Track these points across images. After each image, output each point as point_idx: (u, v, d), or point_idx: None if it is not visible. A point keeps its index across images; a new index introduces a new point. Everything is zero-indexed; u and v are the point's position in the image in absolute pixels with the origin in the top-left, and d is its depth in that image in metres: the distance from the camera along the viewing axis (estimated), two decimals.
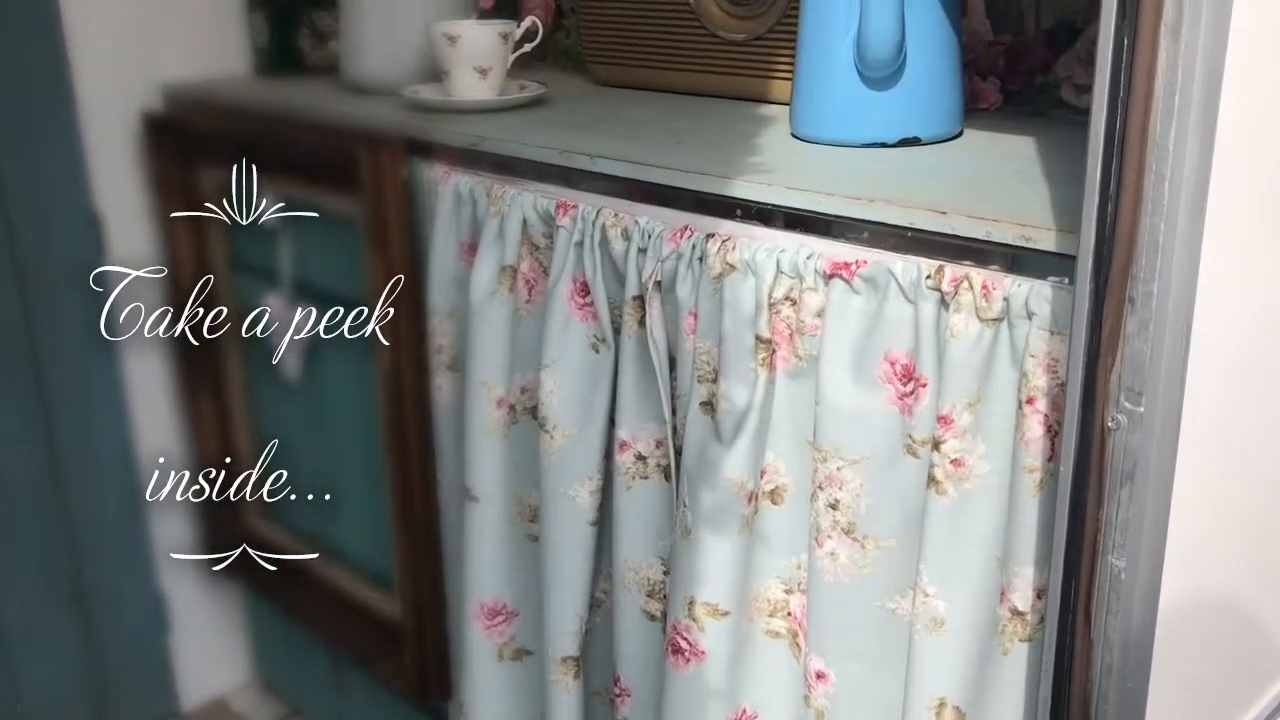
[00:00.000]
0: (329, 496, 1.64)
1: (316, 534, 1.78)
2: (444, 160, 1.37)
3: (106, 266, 1.55)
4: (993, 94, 1.37)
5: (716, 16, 1.50)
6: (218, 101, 1.71)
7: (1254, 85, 0.66)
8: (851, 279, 0.98)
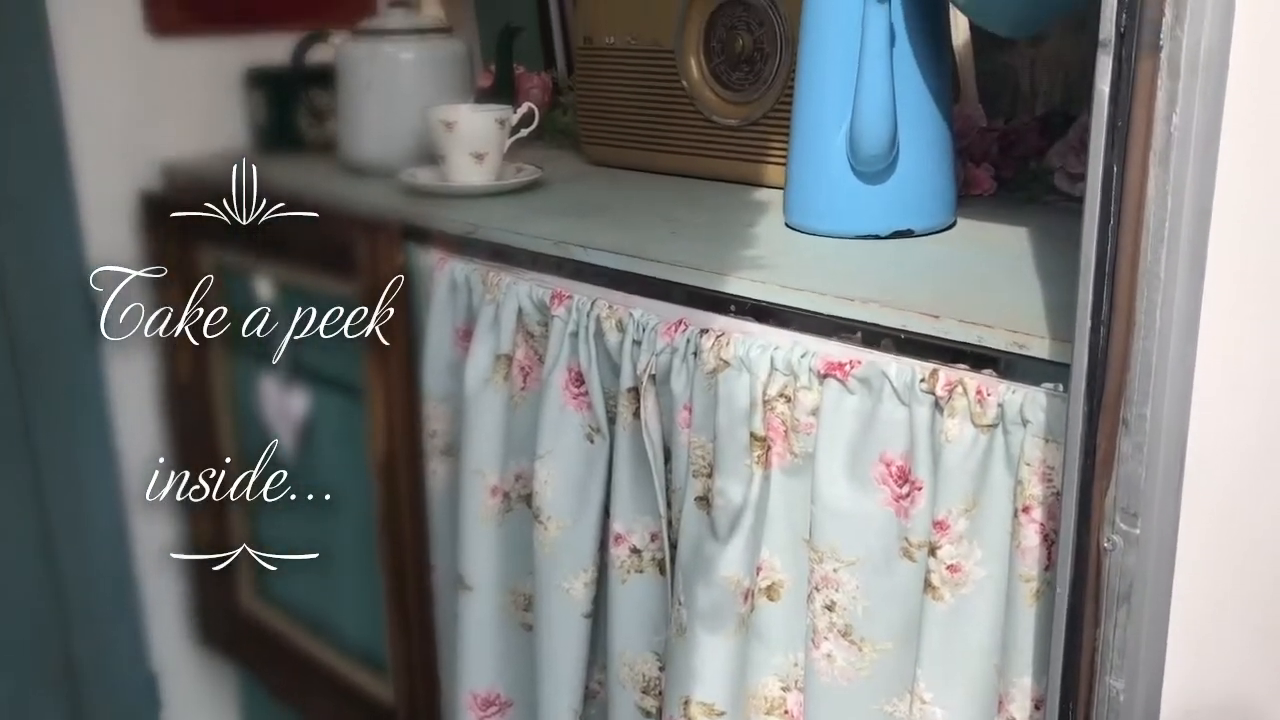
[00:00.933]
0: (322, 576, 1.63)
1: (310, 614, 1.77)
2: (440, 246, 1.37)
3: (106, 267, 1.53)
4: (986, 180, 1.37)
5: (712, 102, 1.52)
6: (216, 181, 1.71)
7: (1245, 210, 0.66)
8: (846, 379, 0.97)
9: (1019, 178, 1.38)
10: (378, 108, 1.61)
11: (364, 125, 1.63)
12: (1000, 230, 1.22)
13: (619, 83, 1.61)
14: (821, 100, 1.19)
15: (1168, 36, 0.64)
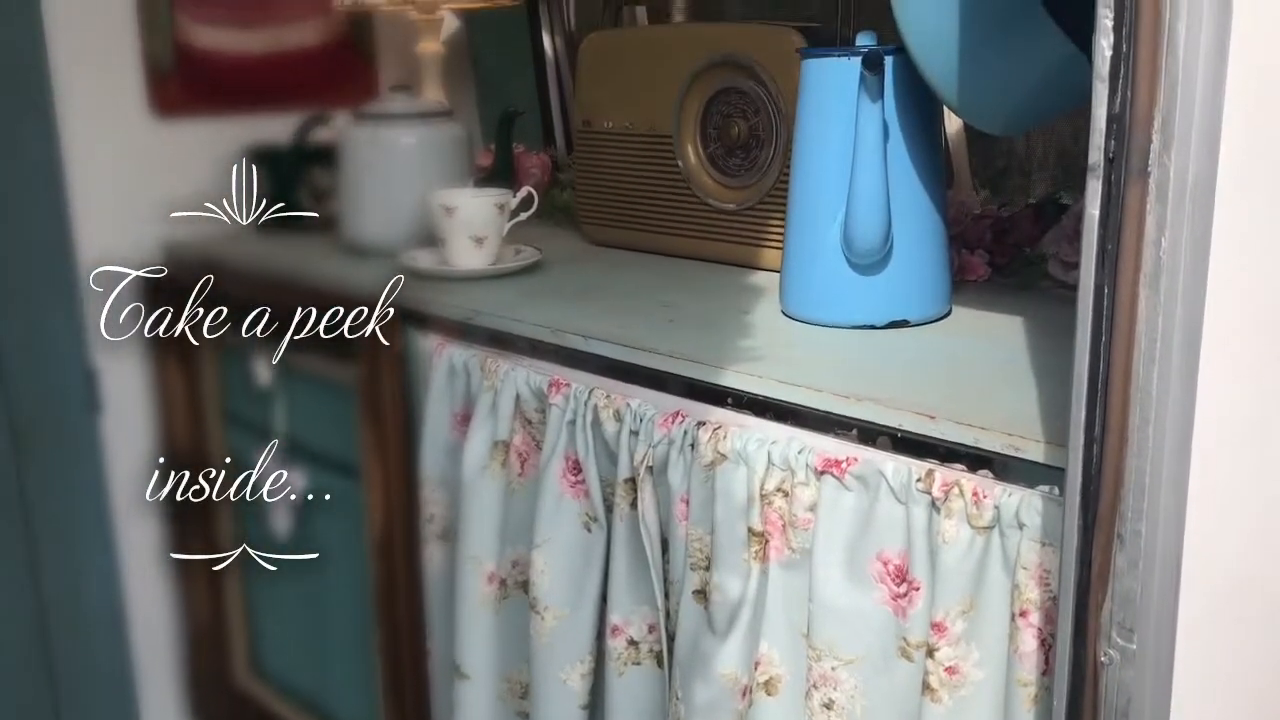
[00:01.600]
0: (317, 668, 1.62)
1: (304, 695, 1.75)
2: (439, 331, 1.38)
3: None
4: (981, 266, 1.39)
5: (709, 186, 1.54)
6: (217, 260, 1.73)
7: (1236, 330, 0.67)
8: (843, 477, 0.98)
9: (1013, 264, 1.40)
10: (378, 190, 1.63)
11: (364, 207, 1.65)
12: (995, 319, 1.23)
13: (617, 165, 1.63)
14: (816, 193, 1.20)
15: (1156, 163, 0.65)
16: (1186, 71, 0.64)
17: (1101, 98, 0.65)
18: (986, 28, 0.99)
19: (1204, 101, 0.64)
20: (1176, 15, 0.63)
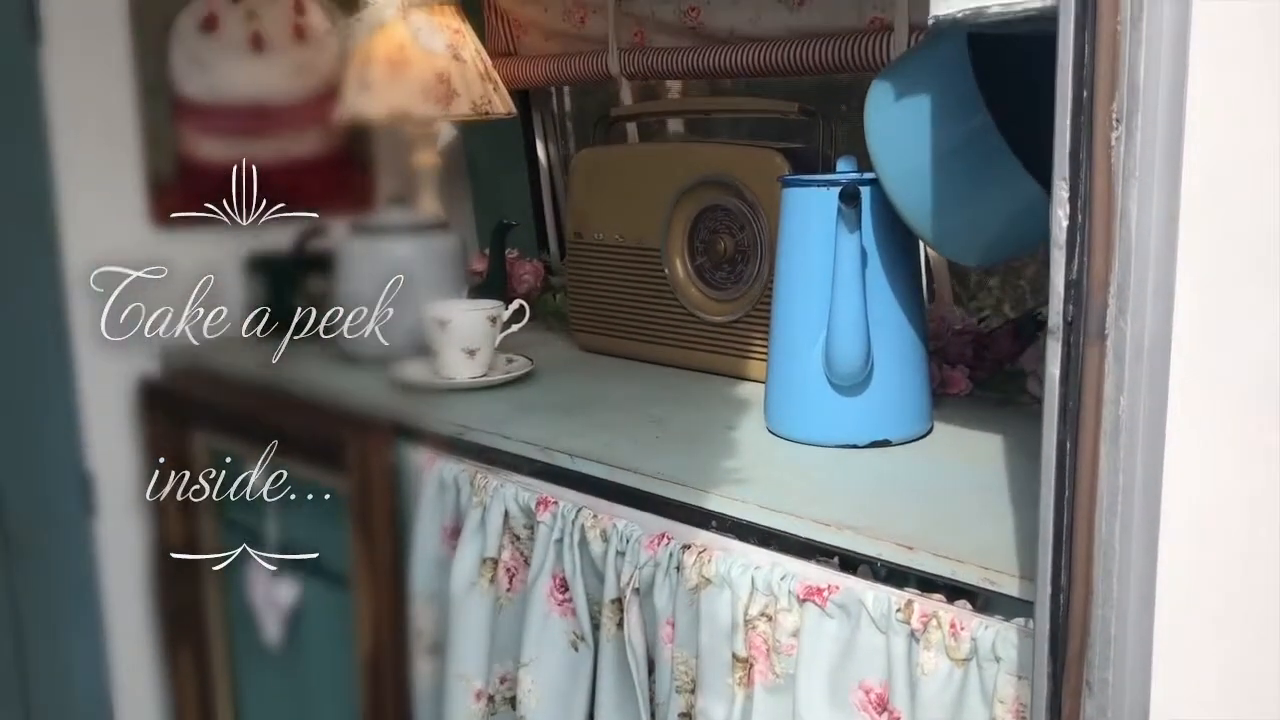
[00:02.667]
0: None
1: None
2: (430, 445, 1.40)
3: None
4: (962, 381, 1.41)
5: (696, 299, 1.57)
6: (213, 369, 1.76)
7: (1195, 485, 0.69)
8: (824, 605, 0.99)
9: (994, 379, 1.42)
10: (373, 304, 1.66)
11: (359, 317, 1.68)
12: (975, 438, 1.26)
13: (608, 276, 1.66)
14: (797, 316, 1.23)
15: (1113, 326, 0.68)
16: (1139, 240, 0.67)
17: (1059, 264, 0.68)
18: (957, 168, 1.03)
19: (1157, 268, 0.67)
20: (1129, 189, 0.66)
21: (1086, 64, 0.65)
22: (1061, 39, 0.67)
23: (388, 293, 1.65)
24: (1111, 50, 0.65)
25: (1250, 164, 0.67)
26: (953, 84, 1.00)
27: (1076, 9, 0.65)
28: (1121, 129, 0.66)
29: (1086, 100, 0.66)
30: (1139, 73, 0.65)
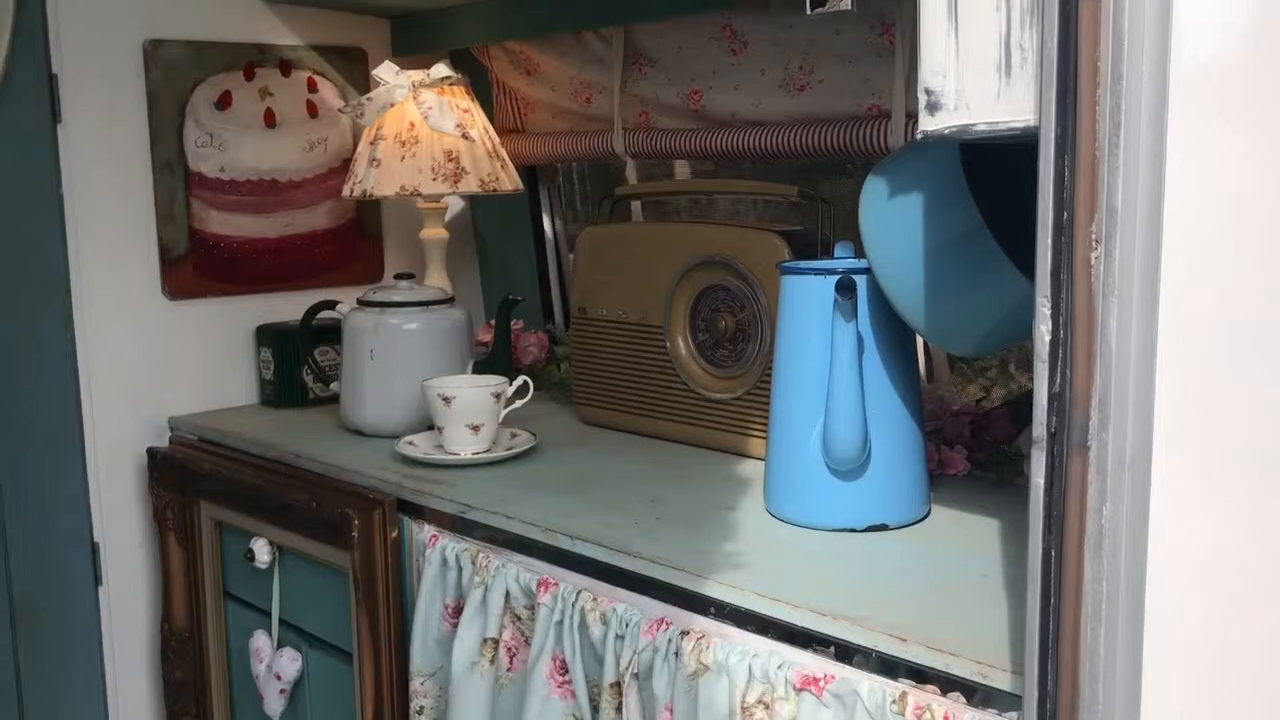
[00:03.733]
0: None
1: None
2: (433, 521, 1.42)
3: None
4: (960, 461, 1.43)
5: (698, 376, 1.59)
6: (220, 440, 1.78)
7: (1179, 590, 0.71)
8: (820, 694, 1.00)
9: (992, 459, 1.44)
10: (379, 376, 1.69)
11: (365, 391, 1.70)
12: (972, 523, 1.27)
13: (611, 351, 1.69)
14: (795, 400, 1.25)
15: (1095, 438, 0.70)
16: (1119, 355, 0.69)
17: (1042, 377, 0.70)
18: (948, 264, 1.05)
19: (1137, 381, 0.69)
20: (1108, 306, 0.68)
21: (1066, 187, 0.68)
22: (1042, 162, 0.70)
23: (393, 367, 1.68)
24: (1090, 174, 0.67)
25: (1226, 282, 0.69)
26: (944, 184, 1.03)
27: (1056, 134, 0.68)
28: (1101, 249, 0.68)
29: (1067, 221, 0.68)
30: (1117, 196, 0.67)
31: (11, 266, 1.75)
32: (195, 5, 1.85)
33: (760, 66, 1.65)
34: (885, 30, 1.49)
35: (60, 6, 1.73)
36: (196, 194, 1.87)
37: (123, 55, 1.79)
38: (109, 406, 1.82)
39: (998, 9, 0.74)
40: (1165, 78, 0.65)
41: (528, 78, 1.99)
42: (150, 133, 1.82)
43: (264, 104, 1.92)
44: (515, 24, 1.85)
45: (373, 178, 1.81)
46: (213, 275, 1.90)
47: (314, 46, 1.97)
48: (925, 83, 0.79)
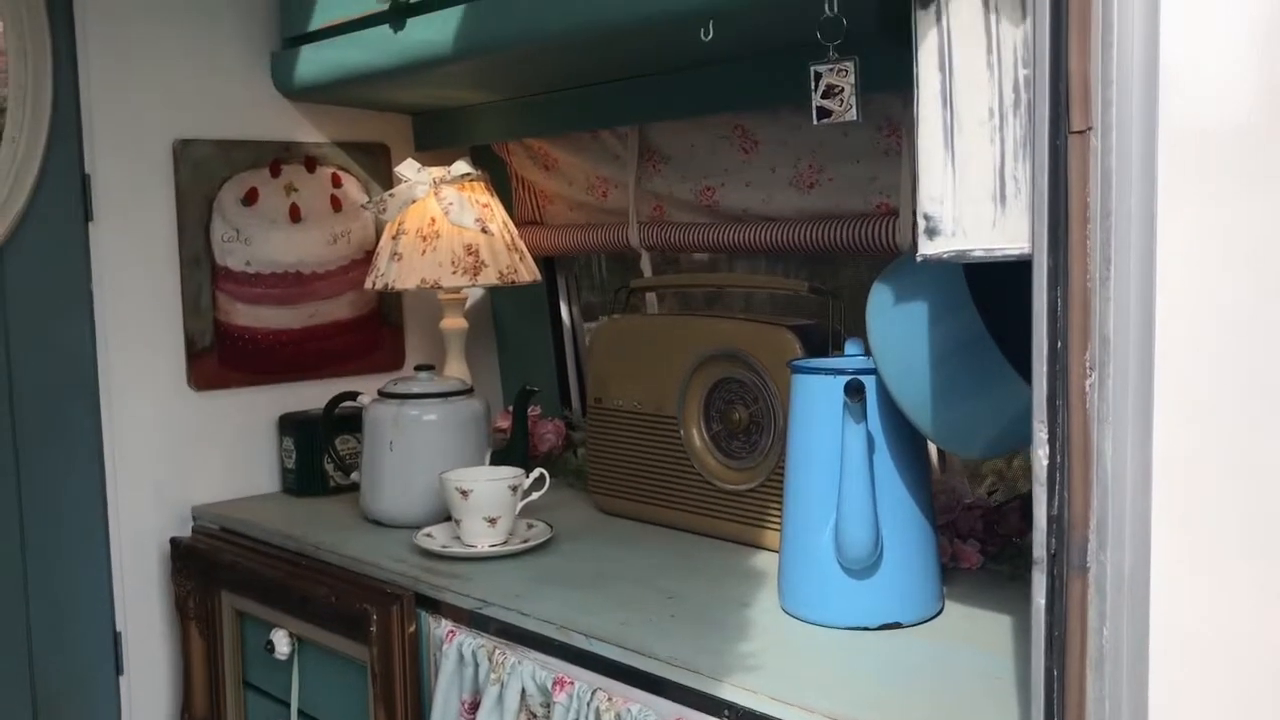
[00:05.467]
0: None
1: None
2: (450, 617, 1.44)
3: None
4: (973, 555, 1.44)
5: (713, 467, 1.61)
6: (243, 529, 1.80)
7: (1180, 706, 0.72)
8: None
9: (1004, 552, 1.45)
10: (398, 467, 1.72)
11: (385, 483, 1.73)
12: (985, 619, 1.28)
13: (627, 441, 1.71)
14: (808, 498, 1.27)
15: (1094, 559, 0.71)
16: (1115, 479, 0.71)
17: (1041, 500, 0.72)
18: (953, 370, 1.07)
19: (1134, 504, 0.71)
20: (1103, 431, 0.70)
21: (1060, 316, 0.70)
22: (1035, 292, 0.72)
23: (412, 458, 1.71)
24: (1083, 305, 0.70)
25: (1219, 409, 0.71)
26: (947, 292, 1.05)
27: (1049, 266, 0.71)
28: (1094, 376, 0.70)
29: (1061, 349, 0.71)
30: (1109, 326, 0.69)
31: (42, 358, 1.79)
32: (224, 105, 1.91)
33: (771, 164, 1.69)
34: (891, 131, 1.53)
35: (94, 109, 1.79)
36: (222, 287, 1.92)
37: (153, 155, 1.85)
38: (133, 496, 1.85)
39: (992, 141, 0.78)
40: (1154, 216, 0.68)
41: (546, 172, 2.04)
42: (178, 229, 1.87)
43: (289, 199, 1.98)
44: (533, 122, 1.90)
45: (395, 271, 1.86)
46: (237, 366, 1.94)
47: (338, 143, 2.03)
48: (924, 208, 0.82)
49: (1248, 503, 0.72)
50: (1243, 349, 0.70)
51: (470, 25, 1.56)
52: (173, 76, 1.85)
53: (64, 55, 1.76)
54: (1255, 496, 0.72)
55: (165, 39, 1.84)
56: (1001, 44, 0.77)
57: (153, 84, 1.84)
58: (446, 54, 1.60)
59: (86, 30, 1.78)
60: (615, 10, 1.37)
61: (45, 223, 1.77)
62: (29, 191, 1.75)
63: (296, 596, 1.61)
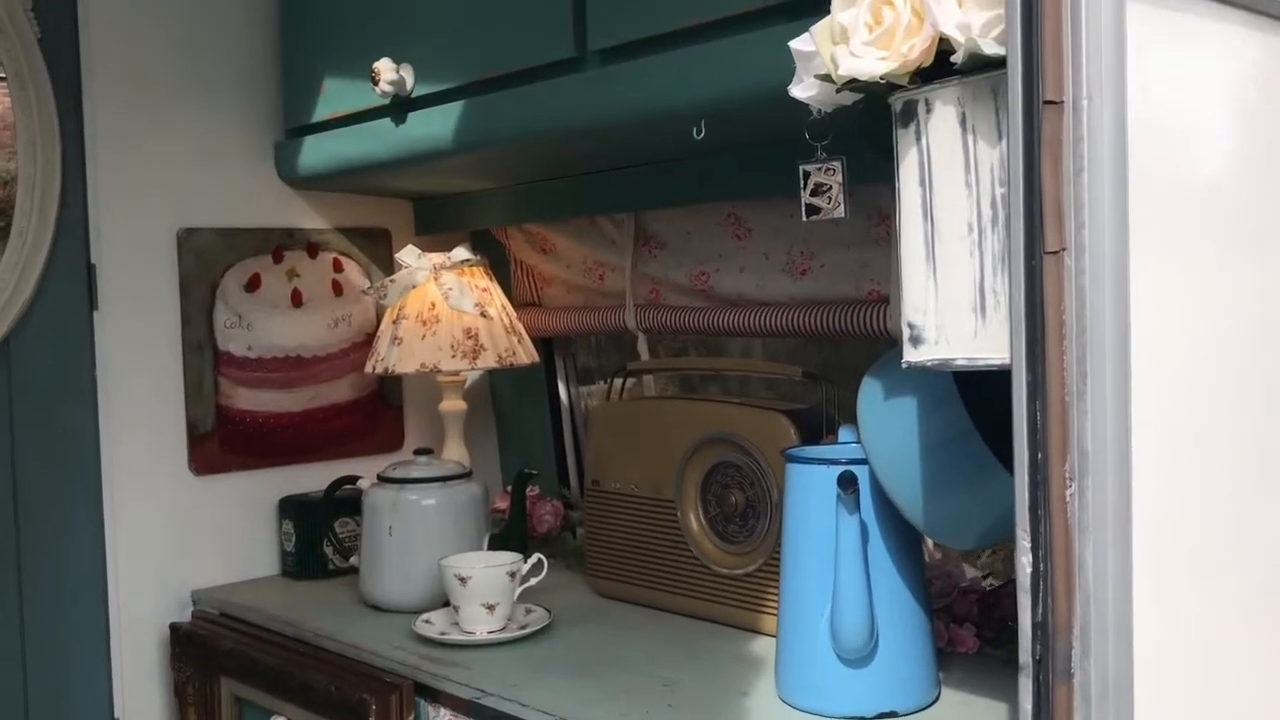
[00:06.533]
0: None
1: None
2: (449, 706, 1.44)
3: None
4: (969, 639, 1.44)
5: (710, 551, 1.62)
6: (242, 615, 1.81)
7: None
8: None
9: (1002, 636, 1.45)
10: (397, 552, 1.73)
11: (384, 568, 1.74)
12: (981, 706, 1.28)
13: (624, 525, 1.72)
14: (803, 586, 1.28)
15: (1078, 666, 0.73)
16: (1097, 586, 0.72)
17: (1026, 608, 0.74)
18: (943, 464, 1.09)
19: (1116, 611, 0.72)
20: (1084, 541, 0.72)
21: (1039, 429, 0.73)
22: (1016, 405, 0.74)
23: (411, 543, 1.72)
24: (1061, 418, 0.72)
25: (1196, 517, 0.73)
26: (935, 389, 1.08)
27: (1028, 380, 0.73)
28: (1075, 486, 0.72)
29: (1041, 460, 0.73)
30: (1087, 439, 0.72)
31: (45, 444, 1.81)
32: (228, 194, 1.95)
33: (764, 251, 1.73)
34: (881, 221, 1.57)
35: (100, 201, 1.83)
36: (224, 372, 1.94)
37: (158, 244, 1.88)
38: (133, 582, 1.86)
39: (971, 255, 0.80)
40: (1127, 333, 0.71)
41: (544, 255, 2.08)
42: (182, 316, 1.90)
43: (291, 284, 2.01)
44: (532, 209, 1.94)
45: (395, 355, 1.88)
46: (237, 450, 1.96)
47: (340, 228, 2.07)
48: (907, 317, 0.85)
49: (1226, 608, 0.73)
50: (1218, 459, 0.73)
51: (470, 120, 1.60)
52: (178, 167, 1.89)
53: (72, 148, 1.81)
54: (1236, 603, 0.74)
55: (172, 131, 1.88)
56: (979, 163, 0.80)
57: (159, 175, 1.88)
58: (447, 147, 1.64)
59: (95, 123, 1.82)
60: (609, 109, 1.41)
61: (51, 312, 1.80)
62: (36, 282, 1.78)
63: (296, 684, 1.61)
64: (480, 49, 1.57)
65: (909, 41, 0.82)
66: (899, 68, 0.82)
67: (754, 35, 1.24)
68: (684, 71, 1.32)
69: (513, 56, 1.52)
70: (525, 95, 1.51)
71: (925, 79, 0.84)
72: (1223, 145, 0.86)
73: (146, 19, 1.86)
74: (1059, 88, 0.71)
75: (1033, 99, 0.71)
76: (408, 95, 1.67)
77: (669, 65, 1.33)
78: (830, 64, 0.88)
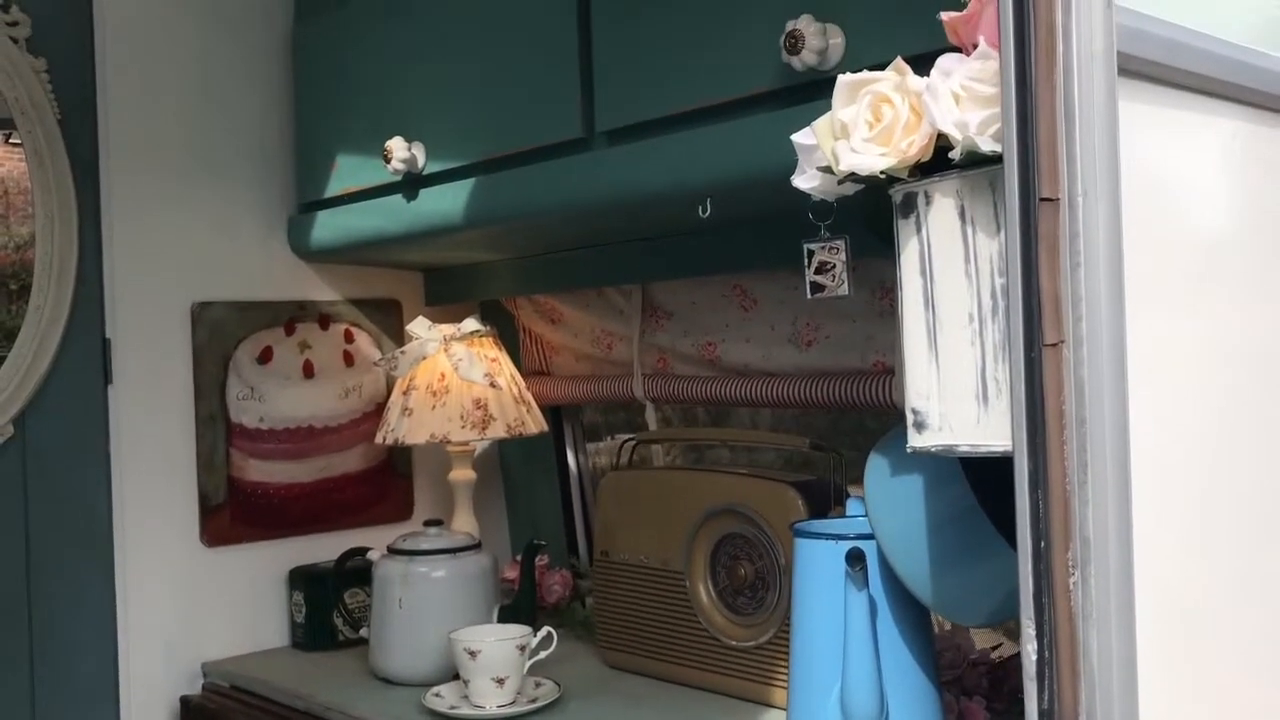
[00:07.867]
0: None
1: None
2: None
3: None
4: (980, 713, 1.44)
5: (720, 624, 1.62)
6: (252, 687, 1.81)
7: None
8: None
9: (1012, 709, 1.45)
10: (407, 625, 1.73)
11: (394, 641, 1.74)
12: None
13: (633, 595, 1.72)
14: (813, 660, 1.28)
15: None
16: (1102, 673, 0.73)
17: (1032, 695, 0.75)
18: (949, 542, 1.10)
19: (1121, 699, 0.73)
20: (1088, 628, 0.73)
21: (1041, 518, 0.74)
22: (1018, 492, 0.76)
23: (421, 615, 1.72)
24: (1063, 507, 0.73)
25: (1200, 604, 0.74)
26: (940, 467, 1.09)
27: (1029, 470, 0.74)
28: (1078, 574, 0.73)
29: (1044, 549, 0.74)
30: (1089, 527, 0.73)
31: (59, 516, 1.82)
32: (241, 268, 1.98)
33: (770, 322, 1.75)
34: (885, 294, 1.59)
35: (116, 276, 1.86)
36: (236, 444, 1.96)
37: (171, 318, 1.91)
38: (144, 655, 1.86)
39: (972, 344, 0.82)
40: (1126, 423, 0.72)
41: (552, 325, 2.10)
42: (195, 389, 1.92)
43: (303, 356, 2.03)
44: (540, 280, 1.97)
45: (405, 426, 1.90)
46: (248, 521, 1.97)
47: (351, 300, 2.10)
48: (911, 403, 0.86)
49: (1234, 680, 0.74)
50: (1220, 548, 0.74)
51: (480, 197, 1.63)
52: (192, 243, 1.93)
53: (89, 225, 1.84)
54: (1240, 672, 0.74)
55: (187, 207, 1.92)
56: (978, 254, 0.82)
57: (173, 250, 1.91)
58: (457, 222, 1.67)
59: (111, 200, 1.86)
60: (616, 188, 1.43)
61: (66, 386, 1.82)
62: (52, 356, 1.81)
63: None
64: (490, 128, 1.61)
65: (908, 138, 0.84)
66: (898, 163, 0.85)
67: (758, 118, 1.27)
68: (689, 153, 1.35)
69: (522, 136, 1.56)
70: (534, 173, 1.54)
71: (925, 172, 0.86)
72: (1223, 230, 0.88)
73: (162, 99, 1.90)
74: (1054, 185, 0.73)
75: (1029, 196, 0.73)
76: (419, 173, 1.70)
77: (675, 146, 1.36)
78: (832, 158, 0.90)
